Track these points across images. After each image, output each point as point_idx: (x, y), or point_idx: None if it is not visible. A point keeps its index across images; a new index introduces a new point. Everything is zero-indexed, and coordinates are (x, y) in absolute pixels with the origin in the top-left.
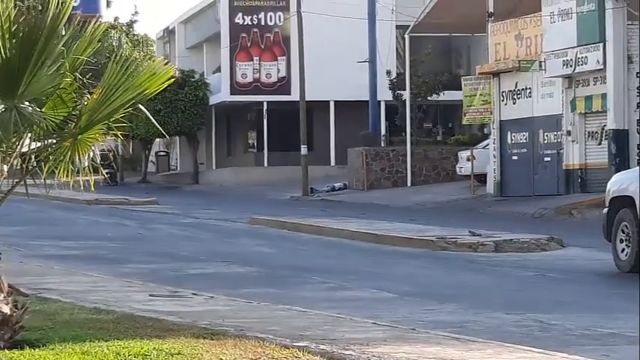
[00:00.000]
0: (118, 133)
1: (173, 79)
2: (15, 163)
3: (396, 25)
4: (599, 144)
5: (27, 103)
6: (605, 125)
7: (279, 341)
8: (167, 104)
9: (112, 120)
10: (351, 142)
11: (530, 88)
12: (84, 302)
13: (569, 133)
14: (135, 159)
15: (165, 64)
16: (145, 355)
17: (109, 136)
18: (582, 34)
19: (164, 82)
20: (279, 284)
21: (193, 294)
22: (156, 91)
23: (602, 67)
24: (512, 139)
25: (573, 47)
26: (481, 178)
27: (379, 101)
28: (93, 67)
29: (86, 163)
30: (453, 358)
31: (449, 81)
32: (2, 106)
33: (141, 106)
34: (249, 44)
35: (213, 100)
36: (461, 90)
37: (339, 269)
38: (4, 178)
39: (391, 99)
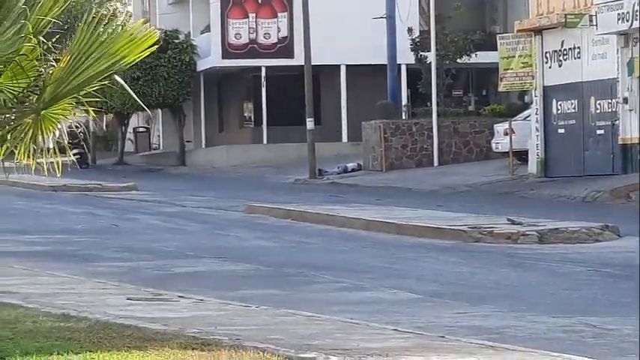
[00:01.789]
0: (89, 107)
1: (157, 46)
2: None
3: None
4: None
5: None
6: None
7: (282, 352)
8: (147, 71)
9: (82, 93)
10: (366, 114)
11: (578, 48)
12: (50, 307)
13: (625, 100)
14: (109, 137)
15: (144, 22)
16: None
17: (78, 111)
18: None
19: (145, 50)
20: (281, 284)
21: (180, 297)
22: (135, 59)
23: None
24: (557, 109)
25: None
26: (521, 156)
27: (399, 65)
28: (60, 29)
29: (51, 143)
30: None
31: (482, 40)
32: None
33: (116, 76)
34: None
35: (201, 65)
36: (496, 51)
37: (352, 266)
38: None
39: (413, 62)
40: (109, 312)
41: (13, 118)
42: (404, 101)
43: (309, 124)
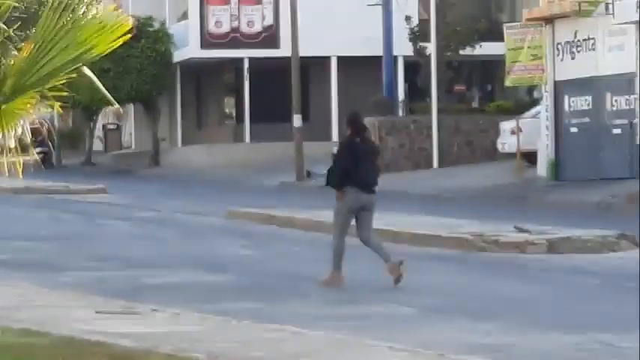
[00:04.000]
0: (55, 102)
1: (129, 35)
2: None
3: None
4: None
5: None
6: None
7: None
8: (118, 62)
9: (46, 85)
10: (359, 110)
11: (593, 39)
12: (9, 322)
13: None
14: (76, 134)
15: (116, 9)
16: None
17: (42, 106)
18: None
19: (117, 39)
20: (265, 297)
21: (153, 310)
22: (106, 50)
23: None
24: (570, 106)
25: None
26: (530, 157)
27: (396, 57)
28: (22, 14)
29: (12, 141)
30: None
31: (487, 30)
32: None
33: (84, 67)
34: None
35: (178, 56)
36: (503, 42)
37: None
38: None
39: (411, 54)
40: (75, 327)
41: None
42: (401, 96)
43: (297, 121)
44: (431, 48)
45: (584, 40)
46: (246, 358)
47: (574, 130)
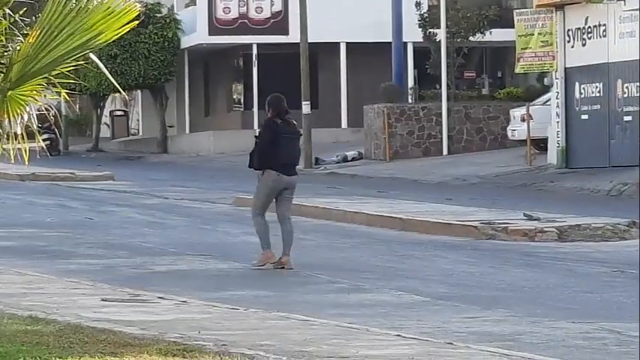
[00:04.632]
0: (61, 88)
1: (137, 21)
2: None
3: None
4: None
5: None
6: None
7: (272, 359)
8: (125, 48)
9: (53, 72)
10: (368, 97)
11: (604, 25)
12: (16, 309)
13: None
14: (83, 121)
15: None
16: None
17: (49, 93)
18: None
19: (124, 25)
20: (273, 285)
21: (160, 298)
22: (113, 36)
23: None
24: (581, 93)
25: None
26: (540, 144)
27: (405, 43)
28: (29, 0)
29: (19, 128)
30: None
31: (497, 16)
32: None
33: (91, 54)
34: None
35: (186, 42)
36: (513, 28)
37: (352, 265)
38: None
39: (421, 40)
40: (82, 314)
41: None
42: (410, 83)
43: (305, 108)
44: (441, 34)
45: (594, 26)
46: (253, 346)
47: (584, 117)
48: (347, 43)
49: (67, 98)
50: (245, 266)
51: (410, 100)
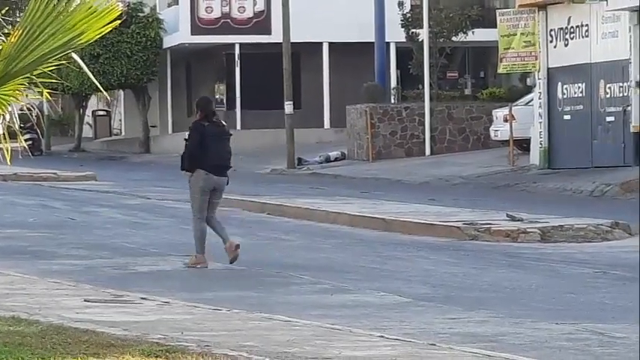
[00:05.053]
0: (44, 88)
1: (119, 21)
2: None
3: None
4: None
5: None
6: None
7: None
8: (107, 48)
9: (35, 72)
10: (351, 97)
11: (587, 25)
12: None
13: (638, 84)
14: (65, 121)
15: None
16: None
17: (31, 92)
18: None
19: (107, 24)
20: (255, 286)
21: (142, 298)
22: (95, 36)
23: None
24: (563, 93)
25: None
26: (523, 145)
27: (388, 43)
28: (10, 0)
29: (0, 128)
30: None
31: (480, 16)
32: None
33: (73, 54)
34: None
35: (168, 41)
36: (495, 28)
37: (334, 266)
38: None
39: (404, 40)
40: (64, 315)
41: None
42: (393, 83)
43: (288, 107)
44: (423, 34)
45: (577, 26)
46: (235, 347)
47: (567, 117)
48: (329, 43)
49: (49, 98)
50: (227, 266)
51: (392, 100)
